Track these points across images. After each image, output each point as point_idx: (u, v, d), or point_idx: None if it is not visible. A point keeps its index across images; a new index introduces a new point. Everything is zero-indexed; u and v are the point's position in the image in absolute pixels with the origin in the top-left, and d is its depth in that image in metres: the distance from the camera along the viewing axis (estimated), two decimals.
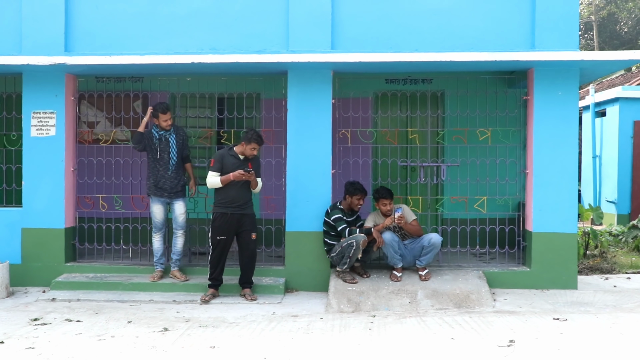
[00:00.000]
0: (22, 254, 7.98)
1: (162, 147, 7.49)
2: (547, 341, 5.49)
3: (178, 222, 7.66)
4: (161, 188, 7.54)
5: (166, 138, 7.51)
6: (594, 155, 15.53)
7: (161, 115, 7.44)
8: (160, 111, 7.43)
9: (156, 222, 7.67)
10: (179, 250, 7.71)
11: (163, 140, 7.50)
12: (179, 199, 7.63)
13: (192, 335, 5.80)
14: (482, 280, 7.40)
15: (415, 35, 7.63)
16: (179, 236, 7.68)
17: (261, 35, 7.72)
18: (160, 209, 7.62)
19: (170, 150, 7.52)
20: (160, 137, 7.50)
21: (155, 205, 7.61)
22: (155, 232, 7.70)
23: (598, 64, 7.43)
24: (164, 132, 7.51)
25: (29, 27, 7.83)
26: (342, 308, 6.90)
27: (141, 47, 7.75)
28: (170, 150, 7.52)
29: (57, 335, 5.81)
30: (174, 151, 7.54)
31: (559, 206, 7.57)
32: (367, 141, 8.94)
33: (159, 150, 7.49)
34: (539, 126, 7.58)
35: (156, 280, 7.59)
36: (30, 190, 7.96)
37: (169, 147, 7.51)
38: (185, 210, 7.70)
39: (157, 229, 7.69)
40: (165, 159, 7.51)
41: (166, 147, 7.51)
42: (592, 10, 30.40)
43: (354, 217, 7.55)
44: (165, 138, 7.51)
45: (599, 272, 8.84)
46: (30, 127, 7.95)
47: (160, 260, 7.74)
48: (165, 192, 7.55)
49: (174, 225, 7.70)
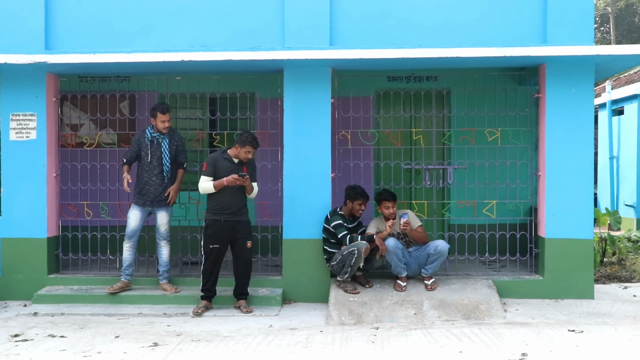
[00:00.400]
0: (2, 265, 7.99)
1: (152, 150, 7.51)
2: (562, 354, 5.51)
3: (160, 232, 7.68)
4: (144, 195, 7.55)
5: (159, 141, 7.53)
6: (610, 156, 15.56)
7: (160, 115, 7.45)
8: (159, 110, 7.46)
9: (128, 229, 7.63)
10: (165, 261, 7.71)
11: (155, 144, 7.53)
12: (162, 209, 7.63)
13: (184, 350, 5.82)
14: (491, 289, 7.42)
15: (419, 30, 7.67)
16: (162, 246, 7.69)
17: (255, 31, 7.76)
18: (137, 215, 7.60)
19: (162, 155, 7.54)
20: (153, 139, 7.52)
21: (132, 210, 7.62)
22: (126, 240, 7.65)
23: (615, 59, 7.46)
24: (157, 135, 7.53)
25: (6, 23, 7.86)
26: (344, 320, 6.92)
27: (127, 44, 7.78)
28: (162, 156, 7.54)
29: (39, 352, 5.82)
30: (166, 156, 7.56)
31: (573, 210, 7.59)
32: (368, 143, 8.97)
33: (150, 153, 7.51)
34: (552, 125, 7.62)
35: (115, 291, 7.56)
36: (9, 197, 7.98)
37: (161, 152, 7.54)
38: (169, 220, 7.70)
39: (127, 237, 7.64)
40: (154, 164, 7.53)
41: (157, 150, 7.53)
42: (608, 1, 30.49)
43: (355, 224, 7.58)
44: (157, 141, 7.53)
45: (617, 281, 8.86)
46: (9, 130, 7.96)
47: (127, 270, 7.67)
48: (148, 199, 7.55)
49: (156, 235, 7.73)
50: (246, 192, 7.21)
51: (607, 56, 7.29)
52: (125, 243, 7.65)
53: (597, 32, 30.81)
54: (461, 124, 8.83)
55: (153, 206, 7.60)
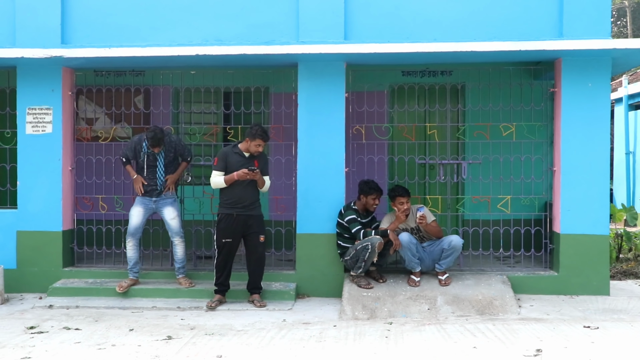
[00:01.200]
0: (18, 258, 8.05)
1: (148, 164, 7.51)
2: (577, 351, 5.47)
3: (172, 228, 7.60)
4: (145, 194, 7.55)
5: (154, 156, 7.50)
6: (627, 151, 15.44)
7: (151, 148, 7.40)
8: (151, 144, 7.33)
9: (130, 226, 7.57)
10: (180, 259, 7.67)
11: (150, 158, 7.50)
12: (167, 205, 7.58)
13: (198, 344, 5.84)
14: (506, 285, 7.38)
15: (434, 24, 7.63)
16: (177, 244, 7.63)
17: (269, 25, 7.74)
18: (140, 212, 7.55)
19: (157, 167, 7.52)
20: (149, 154, 7.49)
21: (135, 208, 7.59)
22: (129, 238, 7.60)
23: (632, 53, 7.38)
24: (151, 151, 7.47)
25: (23, 18, 7.90)
26: (357, 315, 6.92)
27: (142, 38, 7.80)
28: (157, 169, 7.52)
29: (54, 345, 5.86)
30: (161, 169, 7.52)
31: (589, 206, 7.53)
32: (382, 137, 8.94)
33: (145, 166, 7.51)
34: (567, 120, 7.56)
35: (124, 290, 7.50)
36: (25, 190, 8.04)
37: (156, 164, 7.51)
38: (177, 214, 7.63)
39: (130, 234, 7.58)
40: (149, 175, 7.53)
41: (153, 163, 7.51)
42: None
43: (369, 219, 7.56)
44: (153, 156, 7.50)
45: (633, 277, 8.81)
46: (26, 124, 8.02)
47: (134, 268, 7.65)
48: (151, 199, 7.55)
49: (169, 233, 7.66)
50: (257, 186, 7.21)
51: (624, 50, 7.21)
52: (129, 241, 7.60)
53: (613, 26, 30.51)
54: (476, 118, 8.77)
55: (157, 205, 7.57)
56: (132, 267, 7.65)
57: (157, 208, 7.59)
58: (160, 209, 7.59)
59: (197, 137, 9.19)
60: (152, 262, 8.35)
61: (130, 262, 7.64)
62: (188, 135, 9.24)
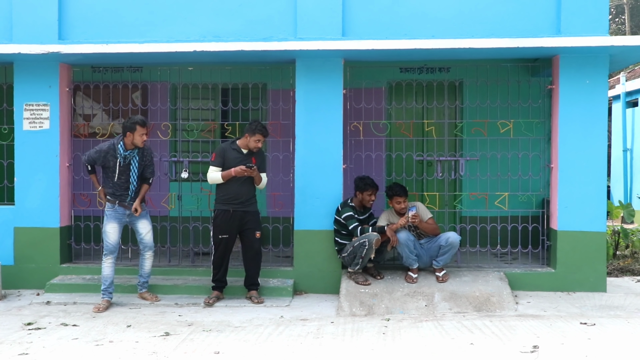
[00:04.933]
0: (15, 254, 8.05)
1: (121, 170, 6.99)
2: (574, 347, 5.49)
3: (146, 242, 7.26)
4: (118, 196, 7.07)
5: (129, 160, 7.00)
6: (624, 148, 15.46)
7: (139, 129, 6.90)
8: (140, 124, 6.91)
9: (109, 244, 7.09)
10: (147, 272, 7.37)
11: (125, 162, 6.99)
12: (140, 218, 7.19)
13: (195, 340, 5.84)
14: (503, 282, 7.40)
15: (432, 21, 7.63)
16: (147, 258, 7.32)
17: (267, 22, 7.74)
18: (116, 228, 7.08)
19: (130, 173, 7.04)
20: (126, 157, 6.97)
21: (109, 223, 7.07)
22: (109, 256, 7.11)
23: (629, 50, 7.38)
24: (129, 153, 6.97)
25: (20, 13, 7.88)
26: (354, 311, 6.93)
27: (140, 34, 7.79)
28: (131, 175, 7.05)
29: (52, 341, 5.86)
30: (135, 175, 7.08)
31: (586, 203, 7.55)
32: (380, 134, 8.95)
33: (118, 172, 6.99)
34: (565, 117, 7.56)
35: (100, 312, 6.91)
36: (23, 187, 8.02)
37: (129, 170, 7.03)
38: (151, 227, 7.29)
39: (110, 252, 7.11)
40: (121, 181, 7.02)
41: (126, 170, 7.02)
42: None
43: (366, 215, 7.57)
44: (128, 160, 6.99)
45: (630, 274, 8.83)
46: (23, 120, 8.00)
47: (109, 288, 7.13)
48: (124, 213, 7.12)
49: (140, 246, 7.31)
50: (255, 182, 7.21)
51: (622, 47, 7.21)
52: (108, 259, 7.11)
53: (611, 23, 30.53)
54: (473, 115, 8.79)
55: (130, 218, 7.17)
56: (108, 287, 7.13)
57: (130, 222, 7.20)
58: (135, 222, 7.20)
59: (194, 133, 9.18)
60: None
61: (106, 282, 7.11)
62: (186, 131, 9.23)
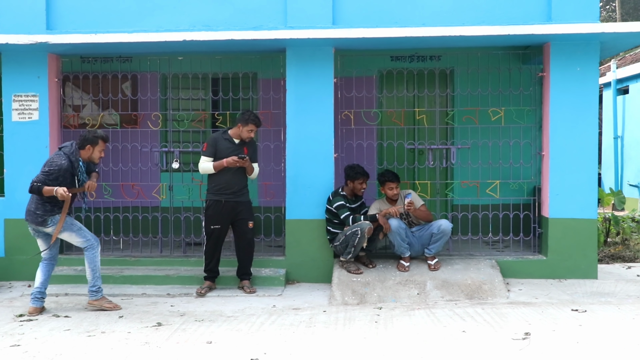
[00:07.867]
0: (6, 246, 8.02)
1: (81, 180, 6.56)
2: (565, 334, 5.51)
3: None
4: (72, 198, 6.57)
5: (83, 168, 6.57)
6: (615, 135, 15.51)
7: (101, 144, 6.58)
8: (103, 138, 6.59)
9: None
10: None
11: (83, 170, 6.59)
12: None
13: (188, 330, 5.84)
14: (495, 269, 7.42)
15: (423, 9, 7.61)
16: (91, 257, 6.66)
17: (257, 10, 7.70)
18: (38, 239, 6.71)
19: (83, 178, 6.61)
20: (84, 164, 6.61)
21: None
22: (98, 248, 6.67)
23: (620, 37, 7.40)
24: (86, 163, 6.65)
25: (7, 3, 7.82)
26: (347, 300, 6.94)
27: (129, 24, 7.73)
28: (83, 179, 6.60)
29: (44, 332, 5.85)
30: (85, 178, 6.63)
31: (577, 190, 7.57)
32: (371, 123, 8.93)
33: (78, 183, 6.53)
34: (556, 105, 7.57)
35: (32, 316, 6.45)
36: (12, 178, 7.98)
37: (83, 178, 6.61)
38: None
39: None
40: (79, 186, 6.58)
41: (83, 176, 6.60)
42: None
43: (358, 204, 7.57)
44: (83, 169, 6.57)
45: (620, 261, 8.87)
46: (12, 111, 7.95)
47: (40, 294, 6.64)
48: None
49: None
50: (247, 172, 7.19)
51: (613, 34, 7.23)
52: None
53: (602, 11, 30.54)
54: (464, 103, 8.79)
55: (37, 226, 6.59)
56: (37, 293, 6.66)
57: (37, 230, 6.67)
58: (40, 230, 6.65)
59: (185, 123, 9.15)
60: (141, 249, 8.34)
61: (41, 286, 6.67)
62: (176, 121, 9.18)
